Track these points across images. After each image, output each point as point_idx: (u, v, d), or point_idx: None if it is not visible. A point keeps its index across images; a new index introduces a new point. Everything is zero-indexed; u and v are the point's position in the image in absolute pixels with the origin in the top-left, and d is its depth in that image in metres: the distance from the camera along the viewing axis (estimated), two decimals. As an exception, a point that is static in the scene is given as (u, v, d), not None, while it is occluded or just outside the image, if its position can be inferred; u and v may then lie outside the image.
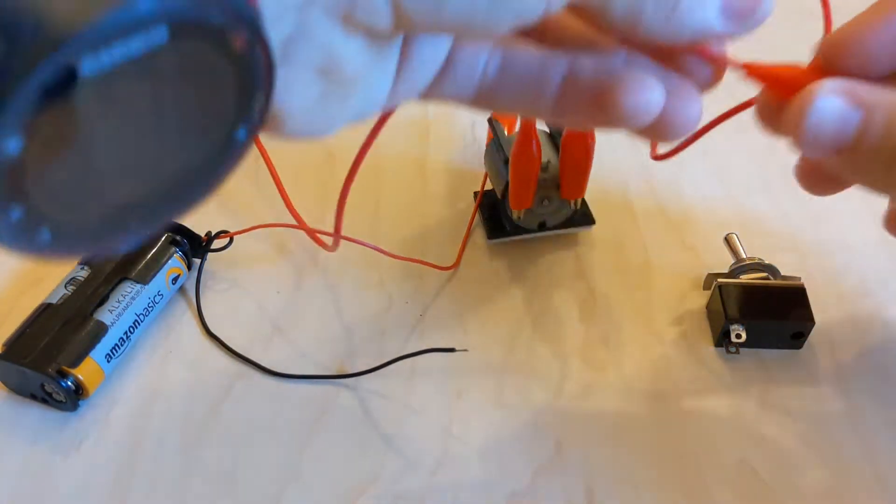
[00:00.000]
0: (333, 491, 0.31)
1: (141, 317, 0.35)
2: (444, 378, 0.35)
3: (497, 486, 0.31)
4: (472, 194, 0.42)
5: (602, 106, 0.22)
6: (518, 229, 0.39)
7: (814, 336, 0.35)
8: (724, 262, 0.38)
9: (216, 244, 0.39)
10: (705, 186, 0.43)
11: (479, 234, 0.41)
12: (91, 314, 0.34)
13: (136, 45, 0.13)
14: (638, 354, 0.36)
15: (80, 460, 0.32)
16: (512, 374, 0.35)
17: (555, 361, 0.35)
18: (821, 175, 0.30)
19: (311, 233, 0.33)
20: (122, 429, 0.33)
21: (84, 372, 0.32)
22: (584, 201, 0.40)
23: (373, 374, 0.34)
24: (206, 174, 0.17)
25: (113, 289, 0.35)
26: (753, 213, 0.42)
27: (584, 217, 0.40)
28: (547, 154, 0.37)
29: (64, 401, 0.33)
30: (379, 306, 0.38)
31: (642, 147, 0.44)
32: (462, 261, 0.40)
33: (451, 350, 0.34)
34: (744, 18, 0.21)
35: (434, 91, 0.23)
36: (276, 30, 0.17)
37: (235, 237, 0.39)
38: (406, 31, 0.19)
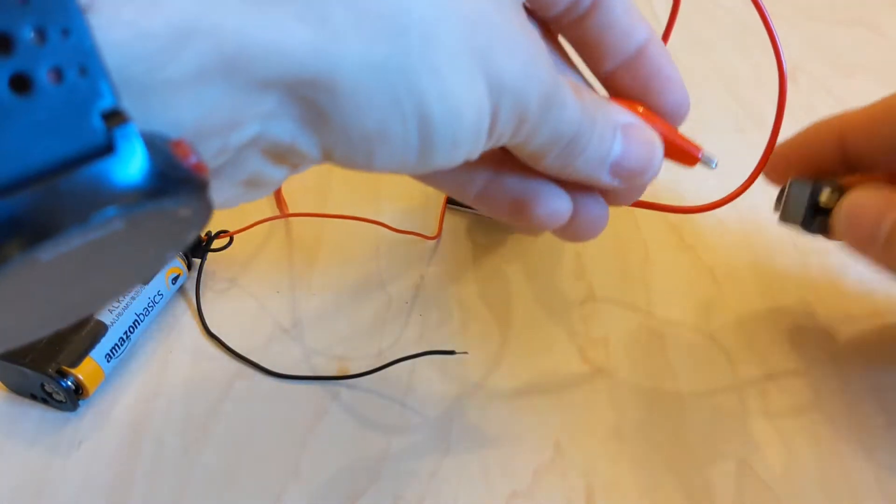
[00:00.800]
0: (333, 491, 0.31)
1: (141, 317, 0.35)
2: (443, 379, 0.35)
3: (497, 486, 0.31)
4: None
5: (518, 212, 0.26)
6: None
7: (814, 336, 0.36)
8: (725, 263, 0.39)
9: (216, 244, 0.39)
10: (705, 187, 0.43)
11: (482, 236, 0.41)
12: (91, 314, 0.34)
13: (93, 234, 0.14)
14: (638, 354, 0.36)
15: (80, 460, 0.32)
16: (512, 374, 0.35)
17: (555, 362, 0.35)
18: None
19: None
20: (122, 429, 0.33)
21: (84, 372, 0.32)
22: None
23: (372, 374, 0.34)
24: (135, 282, 0.18)
25: (113, 289, 0.35)
26: (753, 212, 0.42)
27: None
28: None
29: (64, 401, 0.33)
30: (379, 306, 0.38)
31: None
32: (464, 265, 0.40)
33: (451, 353, 0.34)
34: (630, 179, 0.25)
35: None
36: (211, 162, 0.18)
37: (235, 237, 0.39)
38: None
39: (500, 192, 0.26)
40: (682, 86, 0.27)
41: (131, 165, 0.14)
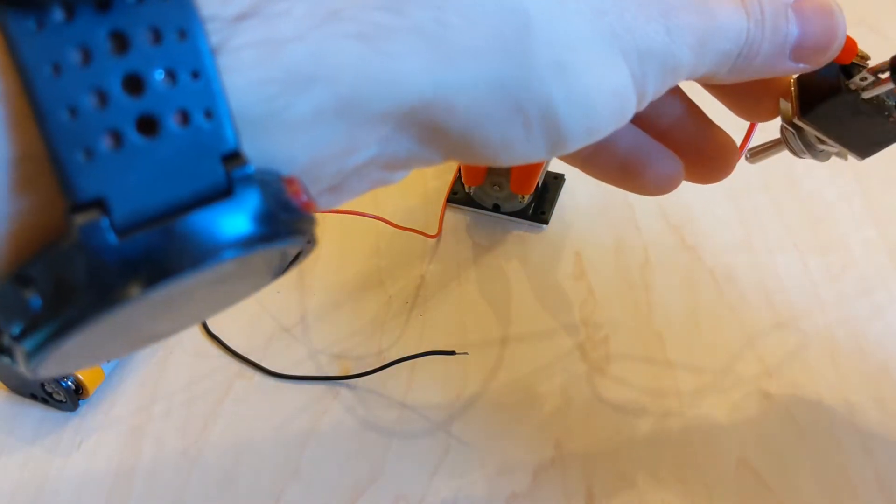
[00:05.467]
0: (333, 491, 0.31)
1: (141, 317, 0.35)
2: (443, 378, 0.35)
3: (497, 486, 0.31)
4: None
5: (628, 175, 0.24)
6: (473, 203, 0.42)
7: (813, 336, 0.36)
8: (725, 263, 0.38)
9: (216, 244, 0.39)
10: (705, 187, 0.43)
11: (483, 235, 0.41)
12: (91, 314, 0.34)
13: (205, 275, 0.14)
14: (638, 354, 0.36)
15: (80, 460, 0.32)
16: (511, 374, 0.35)
17: (555, 362, 0.35)
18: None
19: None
20: (122, 429, 0.33)
21: (84, 372, 0.32)
22: (545, 201, 0.42)
23: (372, 374, 0.34)
24: (228, 305, 0.18)
25: (113, 289, 0.35)
26: (753, 212, 0.42)
27: (537, 216, 0.41)
28: None
29: (64, 401, 0.33)
30: (379, 306, 0.38)
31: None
32: (464, 264, 0.40)
33: (452, 353, 0.34)
34: (816, 57, 0.22)
35: None
36: (330, 182, 0.18)
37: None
38: None
39: (610, 155, 0.24)
40: None
41: (246, 210, 0.14)
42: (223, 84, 0.14)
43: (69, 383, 0.32)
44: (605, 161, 0.25)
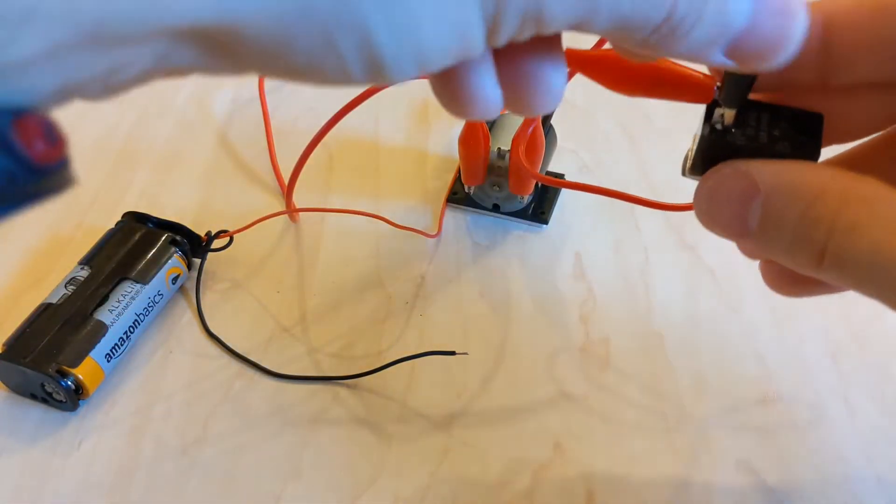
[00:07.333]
0: (333, 491, 0.31)
1: (141, 317, 0.35)
2: (443, 378, 0.35)
3: (497, 486, 0.31)
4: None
5: (444, 83, 0.19)
6: (473, 203, 0.42)
7: (813, 337, 0.35)
8: (725, 263, 0.38)
9: (216, 244, 0.39)
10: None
11: (482, 235, 0.41)
12: (91, 314, 0.34)
13: None
14: (638, 354, 0.36)
15: (80, 460, 0.32)
16: (511, 374, 0.35)
17: (554, 362, 0.35)
18: (787, 276, 0.27)
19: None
20: (122, 429, 0.33)
21: (84, 372, 0.32)
22: (545, 201, 0.42)
23: (372, 374, 0.34)
24: None
25: (113, 289, 0.35)
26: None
27: (537, 216, 0.41)
28: (508, 144, 0.38)
29: (64, 401, 0.33)
30: (379, 306, 0.38)
31: (640, 148, 0.44)
32: (464, 265, 0.40)
33: (452, 353, 0.34)
34: (753, 61, 0.18)
35: None
36: (99, 97, 0.16)
37: (235, 237, 0.39)
38: None
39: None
40: None
41: None
42: None
43: (69, 383, 0.32)
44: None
